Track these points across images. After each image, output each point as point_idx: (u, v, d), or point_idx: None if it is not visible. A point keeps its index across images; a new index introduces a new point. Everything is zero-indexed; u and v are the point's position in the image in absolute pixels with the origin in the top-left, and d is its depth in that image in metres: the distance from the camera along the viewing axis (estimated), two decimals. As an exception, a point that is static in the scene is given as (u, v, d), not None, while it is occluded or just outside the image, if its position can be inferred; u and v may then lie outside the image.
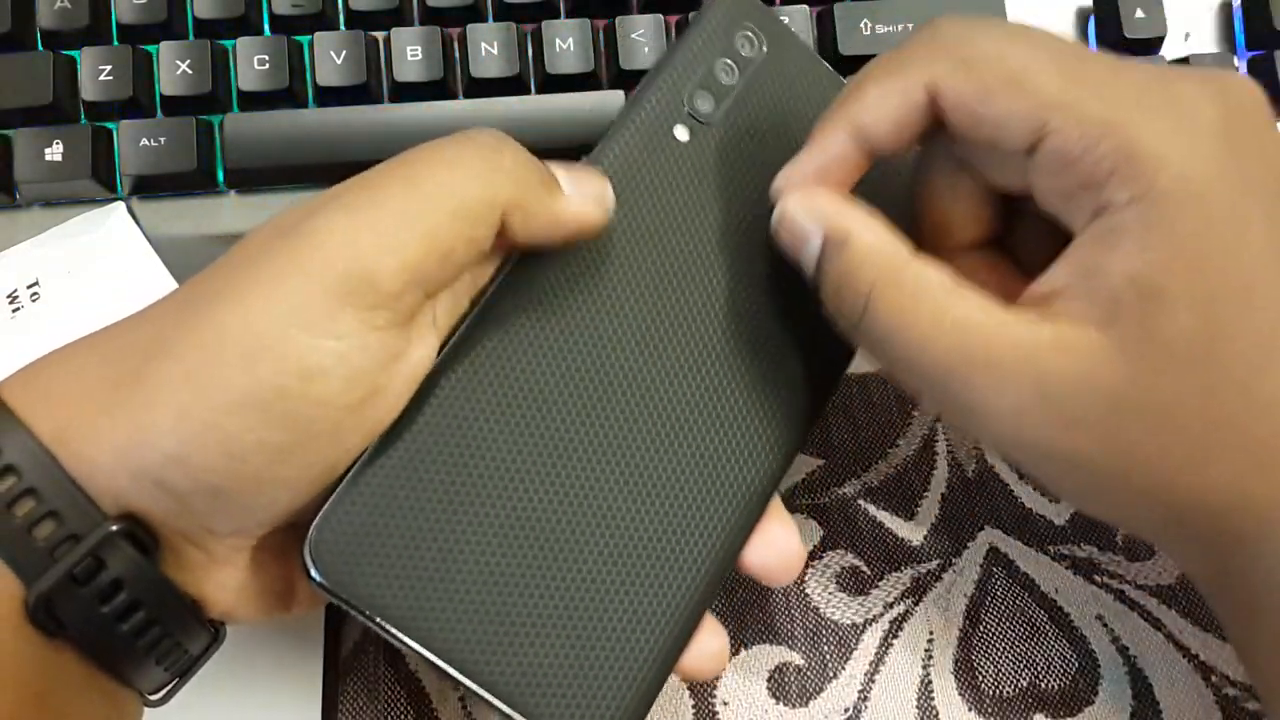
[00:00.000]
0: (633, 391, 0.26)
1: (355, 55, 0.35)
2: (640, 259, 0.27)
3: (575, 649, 0.25)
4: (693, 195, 0.28)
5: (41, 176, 0.34)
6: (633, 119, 0.28)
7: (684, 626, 0.26)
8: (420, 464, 0.24)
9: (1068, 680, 0.32)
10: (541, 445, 0.25)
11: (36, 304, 0.33)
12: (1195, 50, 0.37)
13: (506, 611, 0.24)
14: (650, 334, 0.27)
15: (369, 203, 0.22)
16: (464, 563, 0.24)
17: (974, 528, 0.34)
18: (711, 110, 0.28)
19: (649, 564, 0.26)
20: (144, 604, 0.22)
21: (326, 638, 0.31)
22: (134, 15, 0.35)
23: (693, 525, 0.26)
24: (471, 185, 0.23)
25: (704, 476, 0.27)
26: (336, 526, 0.23)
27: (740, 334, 0.28)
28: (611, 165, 0.27)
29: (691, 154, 0.28)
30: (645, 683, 0.25)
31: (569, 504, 0.25)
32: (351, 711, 0.31)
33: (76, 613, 0.22)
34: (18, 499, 0.21)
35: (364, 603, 0.23)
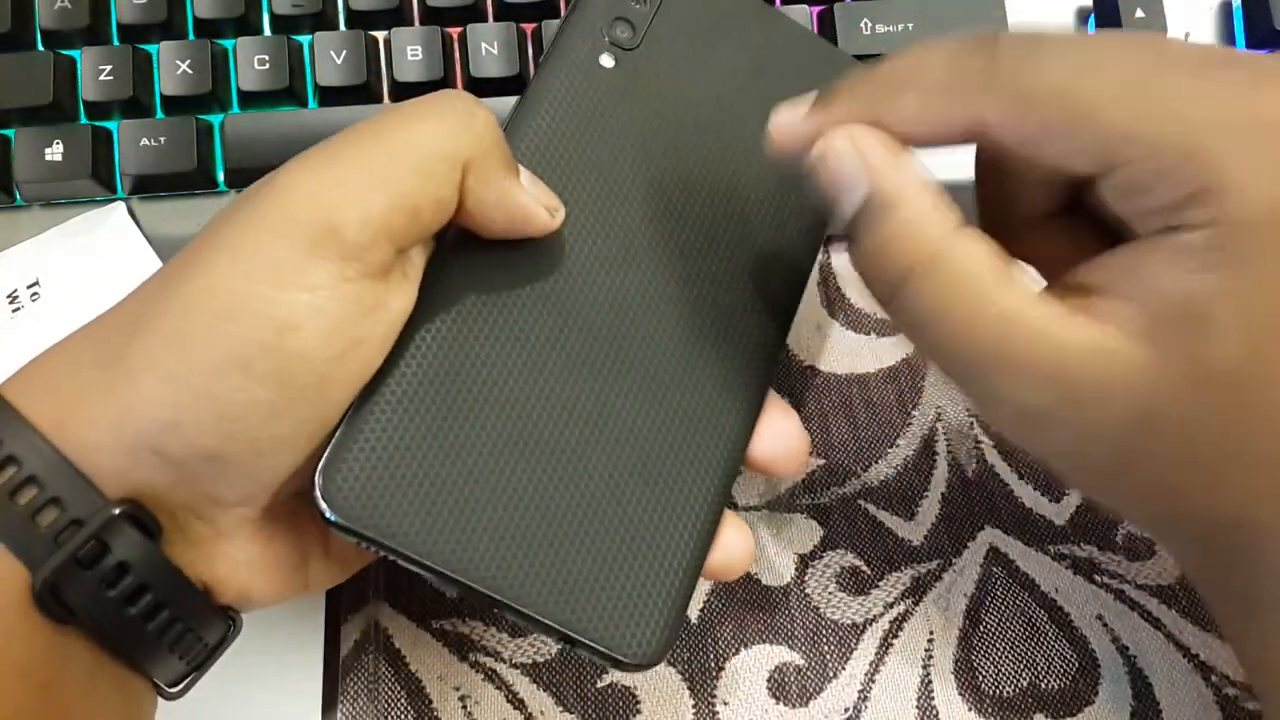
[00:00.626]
0: (618, 306, 0.27)
1: (355, 55, 0.35)
2: (592, 183, 0.27)
3: (605, 555, 0.25)
4: (627, 118, 0.28)
5: (41, 176, 0.34)
6: (559, 53, 0.28)
7: (707, 523, 0.26)
8: (420, 391, 0.24)
9: (1068, 680, 0.32)
10: (538, 360, 0.25)
11: (36, 304, 0.33)
12: (1195, 50, 0.37)
13: (527, 527, 0.24)
14: (621, 251, 0.27)
15: (333, 159, 0.23)
16: (478, 482, 0.24)
17: (974, 527, 0.34)
18: (631, 37, 0.29)
19: (662, 465, 0.26)
20: (151, 587, 0.22)
21: (326, 638, 0.31)
22: (134, 15, 0.35)
23: (698, 425, 0.27)
24: (436, 140, 0.23)
25: (701, 378, 0.27)
26: (344, 462, 0.23)
27: (705, 245, 0.28)
28: (546, 97, 0.27)
29: (619, 80, 0.28)
30: (681, 582, 0.25)
31: (575, 414, 0.25)
32: (351, 711, 0.31)
33: (83, 597, 0.22)
34: (20, 488, 0.21)
35: (383, 535, 0.23)
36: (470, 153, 0.23)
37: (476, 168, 0.24)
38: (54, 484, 0.21)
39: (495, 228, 0.25)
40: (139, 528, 0.22)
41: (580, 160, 0.27)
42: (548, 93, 0.28)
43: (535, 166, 0.26)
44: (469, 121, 0.24)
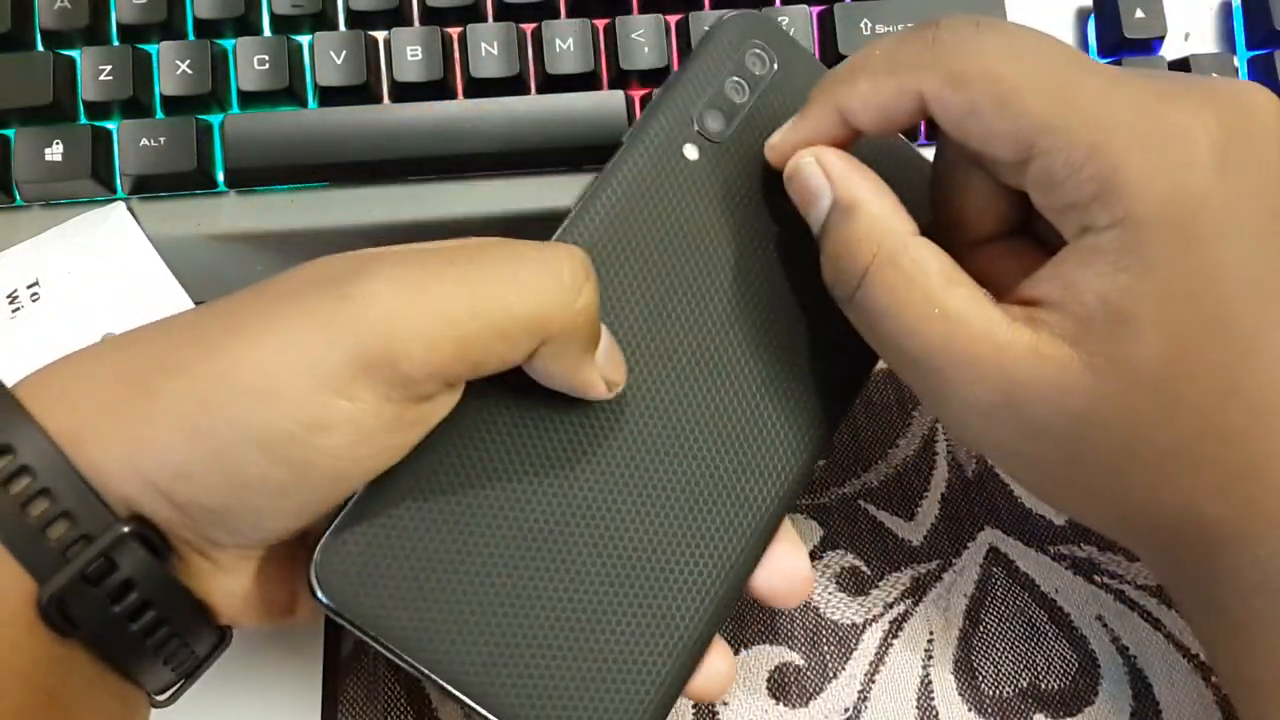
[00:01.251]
0: (645, 412, 0.26)
1: (355, 55, 0.35)
2: (653, 280, 0.27)
3: (583, 674, 0.25)
4: (703, 214, 0.27)
5: (41, 176, 0.34)
6: (642, 138, 0.27)
7: (693, 652, 0.26)
8: (426, 486, 0.24)
9: (1068, 680, 0.32)
10: (549, 467, 0.25)
11: (36, 304, 0.33)
12: (1195, 50, 0.37)
13: (513, 634, 0.24)
14: (663, 354, 0.27)
15: (419, 286, 0.22)
16: (470, 586, 0.24)
17: (974, 528, 0.34)
18: (722, 129, 0.28)
19: (661, 586, 0.26)
20: (154, 604, 0.22)
21: (326, 638, 0.31)
22: (133, 15, 0.35)
23: (704, 550, 0.26)
24: (528, 309, 0.22)
25: (716, 500, 0.27)
26: (342, 550, 0.23)
27: (753, 356, 0.28)
28: (621, 185, 0.27)
29: (702, 172, 0.28)
30: (654, 707, 0.25)
31: (577, 526, 0.25)
32: (351, 711, 0.31)
33: (88, 612, 0.22)
34: (32, 499, 0.21)
35: (371, 626, 0.23)
36: (557, 336, 0.23)
37: (556, 343, 0.23)
38: (65, 498, 0.21)
39: (545, 382, 0.24)
40: (146, 546, 0.22)
41: (639, 251, 0.27)
42: (623, 179, 0.27)
43: (597, 253, 0.26)
44: (570, 300, 0.23)
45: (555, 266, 0.23)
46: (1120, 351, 0.22)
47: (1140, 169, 0.22)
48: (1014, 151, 0.23)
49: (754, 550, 0.27)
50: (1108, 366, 0.22)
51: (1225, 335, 0.22)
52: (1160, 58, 0.36)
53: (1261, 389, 0.22)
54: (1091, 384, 0.23)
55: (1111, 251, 0.22)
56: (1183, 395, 0.22)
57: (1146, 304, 0.22)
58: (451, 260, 0.22)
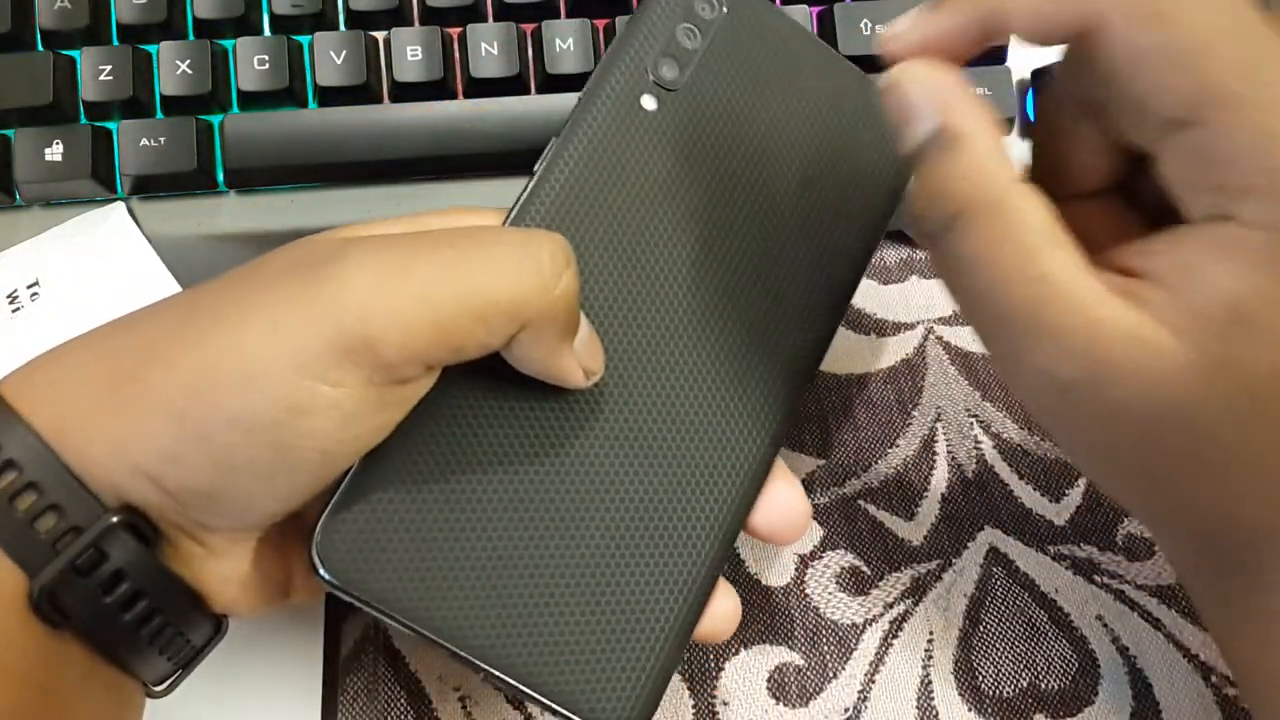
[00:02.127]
0: (629, 368, 0.26)
1: (355, 55, 0.35)
2: (624, 236, 0.27)
3: (592, 626, 0.25)
4: (667, 163, 0.27)
5: (41, 176, 0.34)
6: (599, 94, 0.27)
7: (699, 595, 0.26)
8: (419, 458, 0.24)
9: (1068, 680, 0.32)
10: (539, 429, 0.25)
11: (36, 304, 0.33)
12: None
13: (519, 594, 0.24)
14: (641, 309, 0.27)
15: (398, 270, 0.22)
16: (472, 550, 0.24)
17: (974, 528, 0.34)
18: (677, 76, 0.28)
19: (660, 535, 0.26)
20: (146, 594, 0.22)
21: (326, 638, 0.31)
22: (134, 15, 0.35)
23: (700, 493, 0.26)
24: (508, 295, 0.22)
25: (707, 444, 0.27)
26: (341, 526, 0.23)
27: (730, 301, 0.28)
28: (583, 142, 0.27)
29: (662, 122, 0.28)
30: (665, 654, 0.25)
31: (573, 483, 0.25)
32: (351, 711, 0.31)
33: (80, 603, 0.22)
34: (19, 493, 0.21)
35: (376, 599, 0.23)
36: (537, 316, 0.23)
37: (535, 328, 0.23)
38: (53, 491, 0.21)
39: (523, 368, 0.24)
40: (136, 535, 0.22)
41: (608, 209, 0.27)
42: (584, 137, 0.27)
43: (564, 217, 0.26)
44: (550, 287, 0.23)
45: (535, 252, 0.23)
46: (1232, 355, 0.21)
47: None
48: (1181, 109, 0.21)
49: (749, 491, 0.27)
50: (1212, 367, 0.21)
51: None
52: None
53: None
54: (1189, 380, 0.21)
55: (1256, 251, 0.21)
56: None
57: (1276, 313, 0.21)
58: (432, 244, 0.22)
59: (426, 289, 0.22)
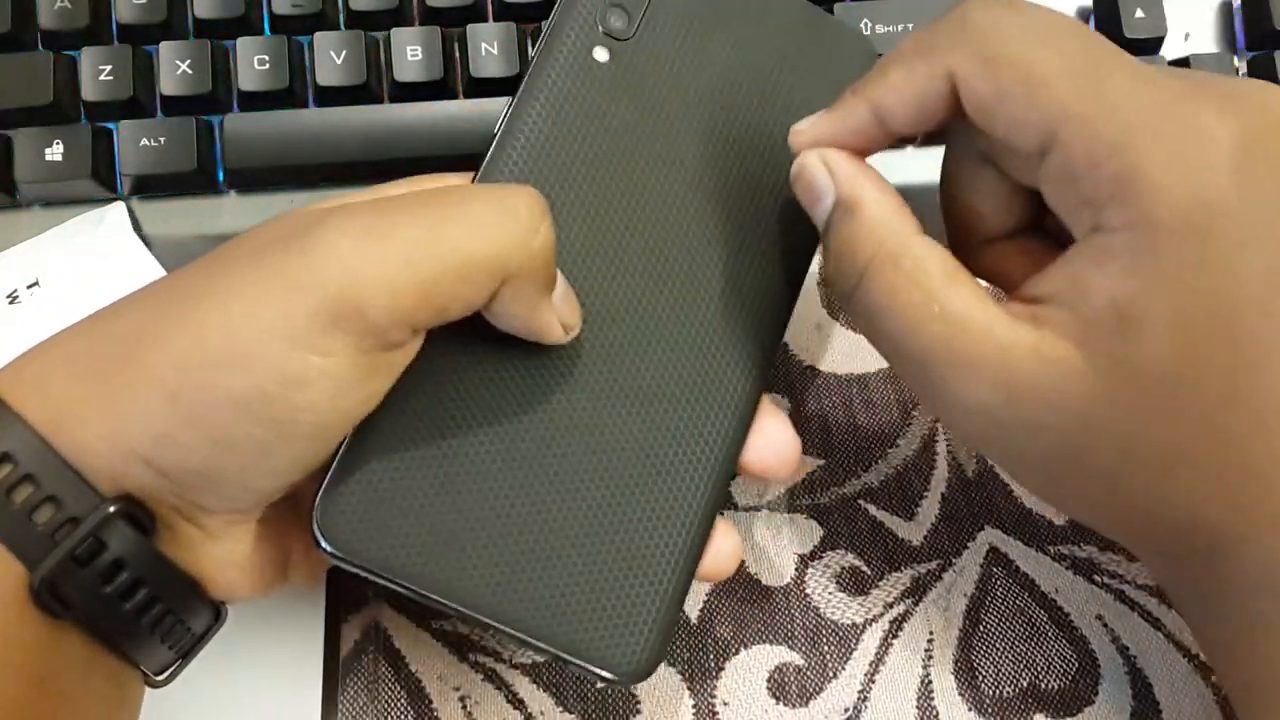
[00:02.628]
0: (610, 321, 0.27)
1: (355, 55, 0.35)
2: (590, 189, 0.27)
3: (595, 574, 0.25)
4: (624, 114, 0.28)
5: (41, 176, 0.34)
6: (551, 48, 0.27)
7: (698, 536, 0.26)
8: (413, 423, 0.24)
9: (1068, 680, 0.32)
10: (527, 386, 0.25)
11: (36, 303, 0.33)
12: (1195, 50, 0.37)
13: (521, 549, 0.24)
14: (612, 258, 0.27)
15: (379, 234, 0.22)
16: (470, 509, 0.24)
17: (974, 528, 0.34)
18: (626, 26, 0.28)
19: (654, 480, 0.26)
20: (146, 582, 0.22)
21: (326, 638, 0.31)
22: (134, 15, 0.35)
23: (690, 435, 0.27)
24: (488, 249, 0.22)
25: (692, 387, 0.27)
26: (340, 498, 0.23)
27: (702, 246, 0.28)
28: (540, 98, 0.27)
29: (615, 72, 0.28)
30: (670, 596, 0.26)
31: (564, 436, 0.26)
32: (351, 711, 0.31)
33: (80, 594, 0.22)
34: (16, 485, 0.21)
35: (380, 567, 0.23)
36: (517, 269, 0.23)
37: (516, 283, 0.23)
38: (50, 482, 0.21)
39: (505, 326, 0.25)
40: (133, 524, 0.22)
41: (572, 163, 0.27)
42: (539, 92, 0.27)
43: (528, 173, 0.26)
44: (528, 240, 0.23)
45: (512, 205, 0.23)
46: (1126, 354, 0.22)
47: (1160, 171, 0.22)
48: (1037, 139, 0.23)
49: (738, 429, 0.27)
50: (1112, 369, 0.22)
51: (1234, 342, 0.22)
52: (1160, 58, 0.36)
53: (1267, 395, 0.22)
54: (1094, 385, 0.22)
55: (1124, 253, 0.22)
56: (1187, 400, 0.22)
57: (1156, 309, 0.22)
58: (408, 207, 0.23)
59: (409, 250, 0.22)
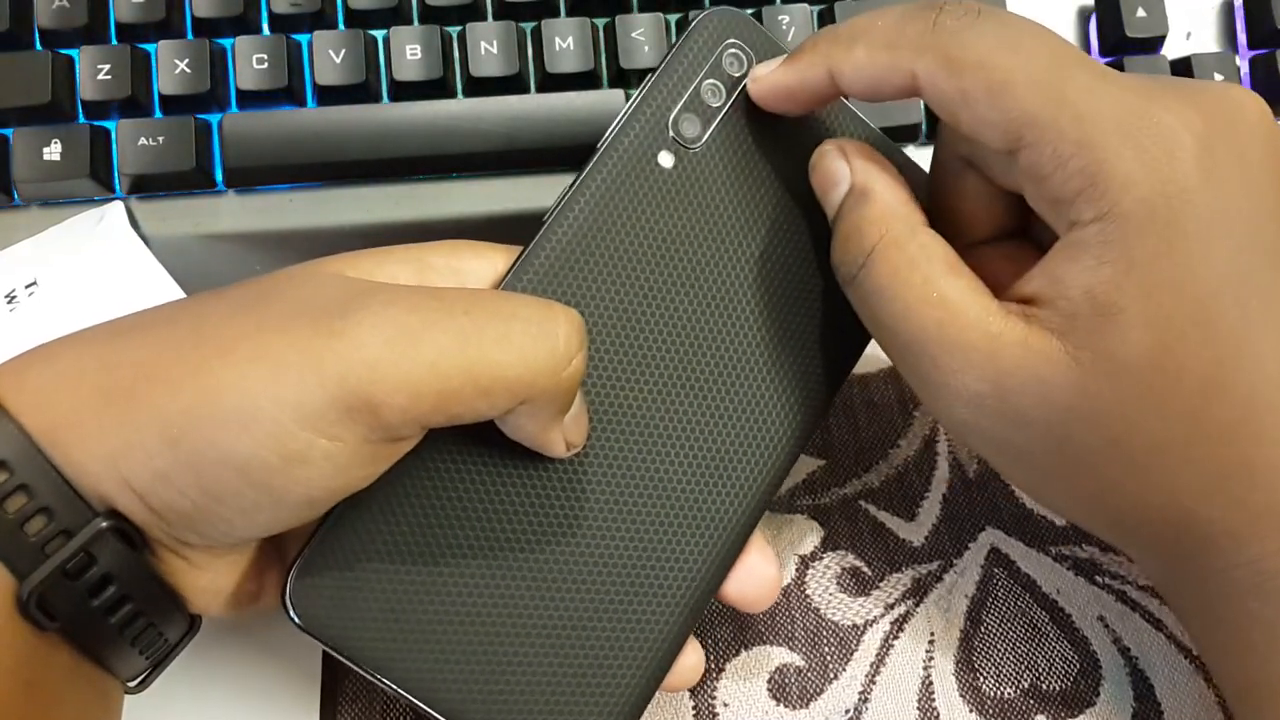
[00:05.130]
0: (618, 430, 0.26)
1: (354, 54, 0.35)
2: (628, 293, 0.26)
3: (558, 689, 0.25)
4: (679, 224, 0.27)
5: (40, 176, 0.34)
6: (616, 147, 0.27)
7: (665, 660, 0.26)
8: (396, 511, 0.24)
9: (1069, 681, 0.32)
10: (521, 487, 0.25)
11: (35, 303, 0.33)
12: (1197, 50, 0.36)
13: (486, 653, 0.25)
14: (631, 371, 0.26)
15: (412, 336, 0.21)
16: (443, 606, 0.24)
17: (975, 528, 0.34)
18: (698, 135, 0.27)
19: (631, 602, 0.26)
20: (132, 598, 0.23)
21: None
22: (132, 14, 0.35)
23: (675, 562, 0.26)
24: (516, 372, 0.22)
25: (689, 513, 0.27)
26: (315, 573, 0.24)
27: (726, 371, 0.27)
28: (595, 195, 0.26)
29: (677, 181, 0.27)
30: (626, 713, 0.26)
31: (548, 546, 0.25)
32: (351, 711, 0.31)
33: (67, 606, 0.22)
34: (9, 495, 0.21)
35: (343, 647, 0.24)
36: (539, 394, 0.23)
37: (535, 405, 0.23)
38: (43, 494, 0.21)
39: (510, 434, 0.24)
40: (123, 539, 0.22)
41: (615, 271, 0.26)
42: (596, 191, 0.26)
43: (570, 272, 0.26)
44: (560, 369, 0.23)
45: (551, 331, 0.23)
46: (1106, 346, 0.23)
47: (1125, 164, 0.22)
48: (1003, 141, 0.24)
49: (725, 561, 0.27)
50: (1094, 360, 0.23)
51: (1211, 331, 0.22)
52: (1162, 57, 0.36)
53: (1248, 386, 0.22)
54: (1078, 377, 0.23)
55: (1096, 245, 0.23)
56: (1169, 391, 0.22)
57: (1131, 298, 0.22)
58: (449, 310, 0.22)
59: (438, 358, 0.21)
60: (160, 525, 0.22)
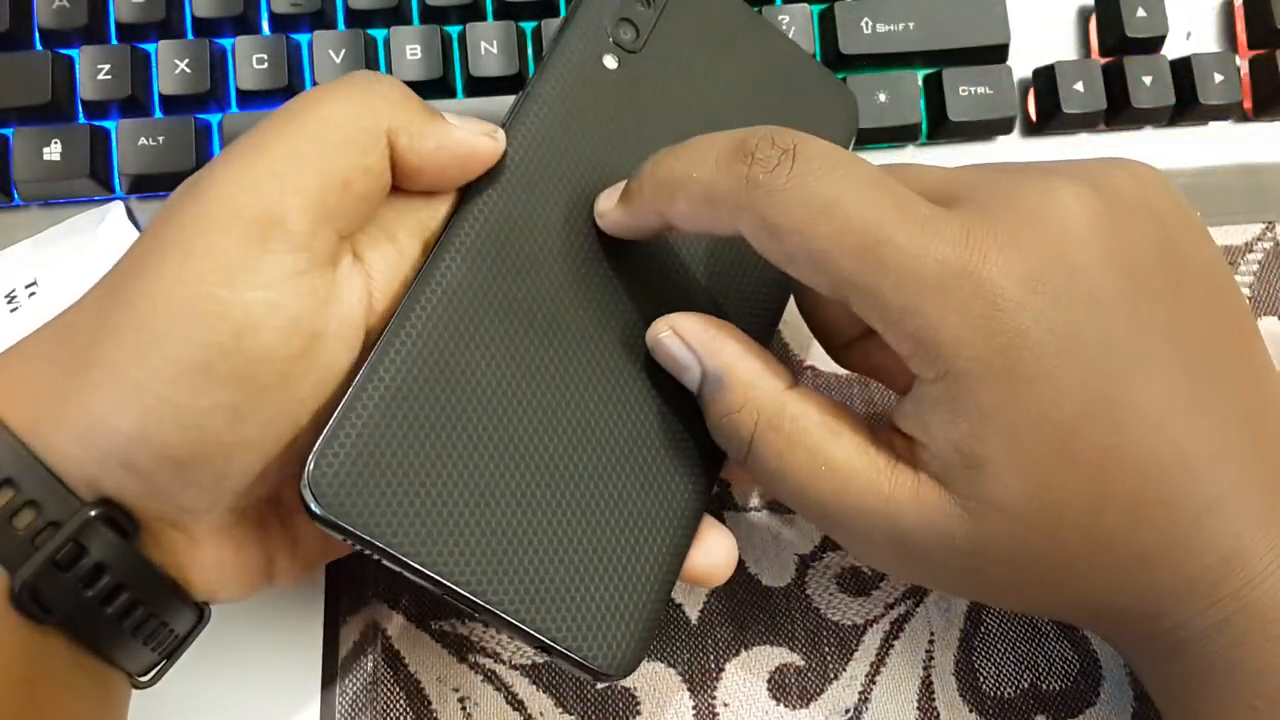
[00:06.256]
0: (600, 314, 0.27)
1: (354, 54, 0.35)
2: (584, 188, 0.27)
3: (579, 565, 0.25)
4: (627, 121, 0.28)
5: (39, 176, 0.34)
6: (562, 50, 0.28)
7: (683, 535, 0.27)
8: (412, 389, 0.24)
9: (1069, 681, 0.32)
10: (522, 369, 0.25)
11: (35, 303, 0.33)
12: (1197, 50, 0.36)
13: (511, 533, 0.24)
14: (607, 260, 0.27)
15: (259, 148, 0.23)
16: (461, 485, 0.24)
17: (975, 528, 0.34)
18: (634, 39, 0.29)
19: (644, 476, 0.26)
20: (127, 586, 0.22)
21: (325, 639, 0.31)
22: (132, 14, 0.35)
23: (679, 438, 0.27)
24: (352, 114, 0.24)
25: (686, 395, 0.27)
26: (333, 456, 0.23)
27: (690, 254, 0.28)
28: (548, 95, 0.27)
29: (622, 81, 0.28)
30: (653, 594, 0.26)
31: (563, 422, 0.26)
32: (350, 712, 0.31)
33: (61, 598, 0.22)
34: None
35: (366, 530, 0.23)
36: (389, 119, 0.24)
37: (403, 128, 0.24)
38: (30, 487, 0.21)
39: (448, 175, 0.25)
40: (114, 528, 0.22)
41: (577, 161, 0.27)
42: (549, 90, 0.27)
43: (531, 164, 0.27)
44: (375, 88, 0.24)
45: (348, 79, 0.25)
46: (986, 494, 0.23)
47: (951, 327, 0.22)
48: (832, 294, 0.23)
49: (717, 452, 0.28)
50: (979, 509, 0.23)
51: (1079, 457, 0.22)
52: (1162, 57, 0.36)
53: (1131, 492, 0.23)
54: (970, 526, 0.23)
55: (945, 401, 0.23)
56: (1057, 520, 0.23)
57: (995, 447, 0.22)
58: (272, 120, 0.24)
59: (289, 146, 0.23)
60: (154, 493, 0.22)
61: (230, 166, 0.23)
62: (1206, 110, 0.36)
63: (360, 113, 0.24)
